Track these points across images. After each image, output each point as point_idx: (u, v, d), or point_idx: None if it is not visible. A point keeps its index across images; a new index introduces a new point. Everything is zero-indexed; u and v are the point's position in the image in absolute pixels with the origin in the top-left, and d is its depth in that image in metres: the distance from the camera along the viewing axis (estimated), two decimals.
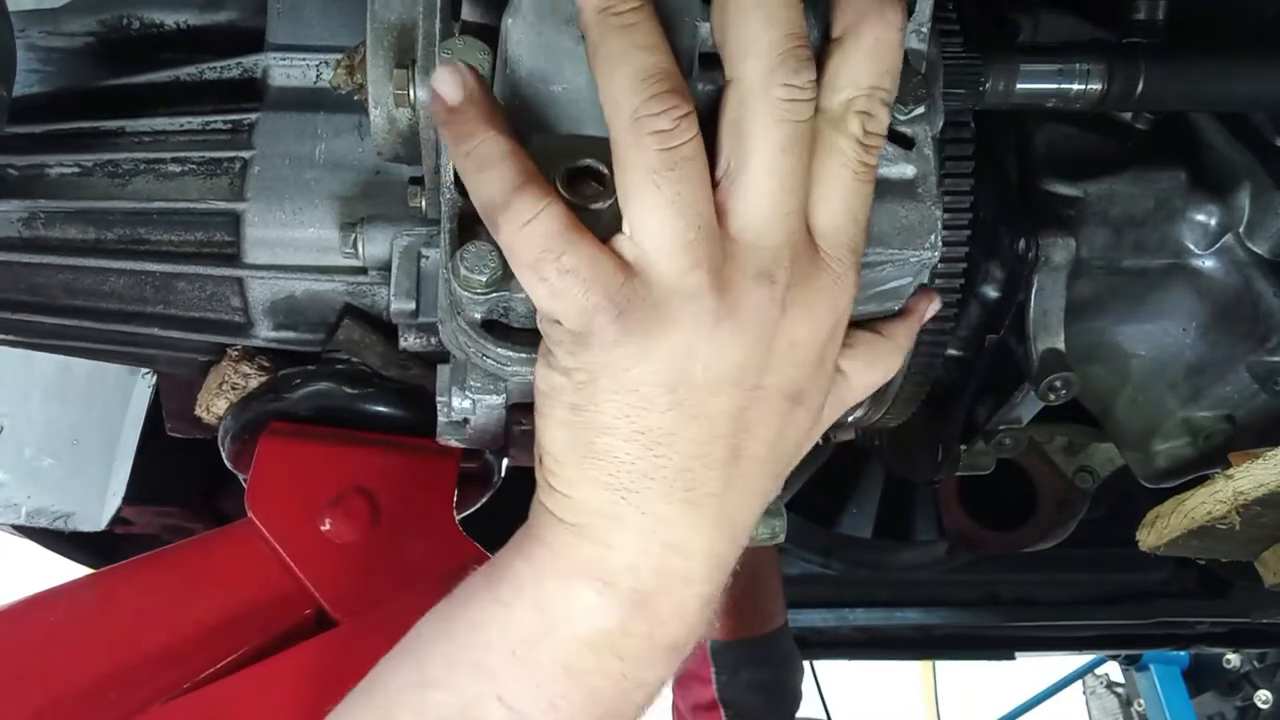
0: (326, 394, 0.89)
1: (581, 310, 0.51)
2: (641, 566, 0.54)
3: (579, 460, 0.54)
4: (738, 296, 0.52)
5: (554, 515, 0.55)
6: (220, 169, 0.87)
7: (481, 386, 0.64)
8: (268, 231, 0.85)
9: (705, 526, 0.55)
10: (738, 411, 0.53)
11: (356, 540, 0.84)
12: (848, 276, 0.55)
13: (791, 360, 0.54)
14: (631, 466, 0.53)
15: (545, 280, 0.51)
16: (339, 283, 0.87)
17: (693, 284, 0.51)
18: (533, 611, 0.55)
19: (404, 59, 0.67)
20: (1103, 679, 3.18)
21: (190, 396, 0.95)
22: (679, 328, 0.51)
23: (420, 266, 0.78)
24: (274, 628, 0.81)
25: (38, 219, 0.88)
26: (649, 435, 0.52)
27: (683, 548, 0.55)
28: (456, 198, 0.60)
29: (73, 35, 0.98)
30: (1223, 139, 0.84)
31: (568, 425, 0.54)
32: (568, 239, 0.51)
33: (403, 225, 0.79)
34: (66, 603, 0.81)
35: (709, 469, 0.54)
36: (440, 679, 0.56)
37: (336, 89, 0.79)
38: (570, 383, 0.53)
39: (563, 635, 0.55)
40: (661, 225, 0.50)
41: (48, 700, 0.75)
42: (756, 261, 0.52)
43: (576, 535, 0.55)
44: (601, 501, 0.54)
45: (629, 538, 0.54)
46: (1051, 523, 1.44)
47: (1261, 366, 0.87)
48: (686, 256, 0.51)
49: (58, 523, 1.38)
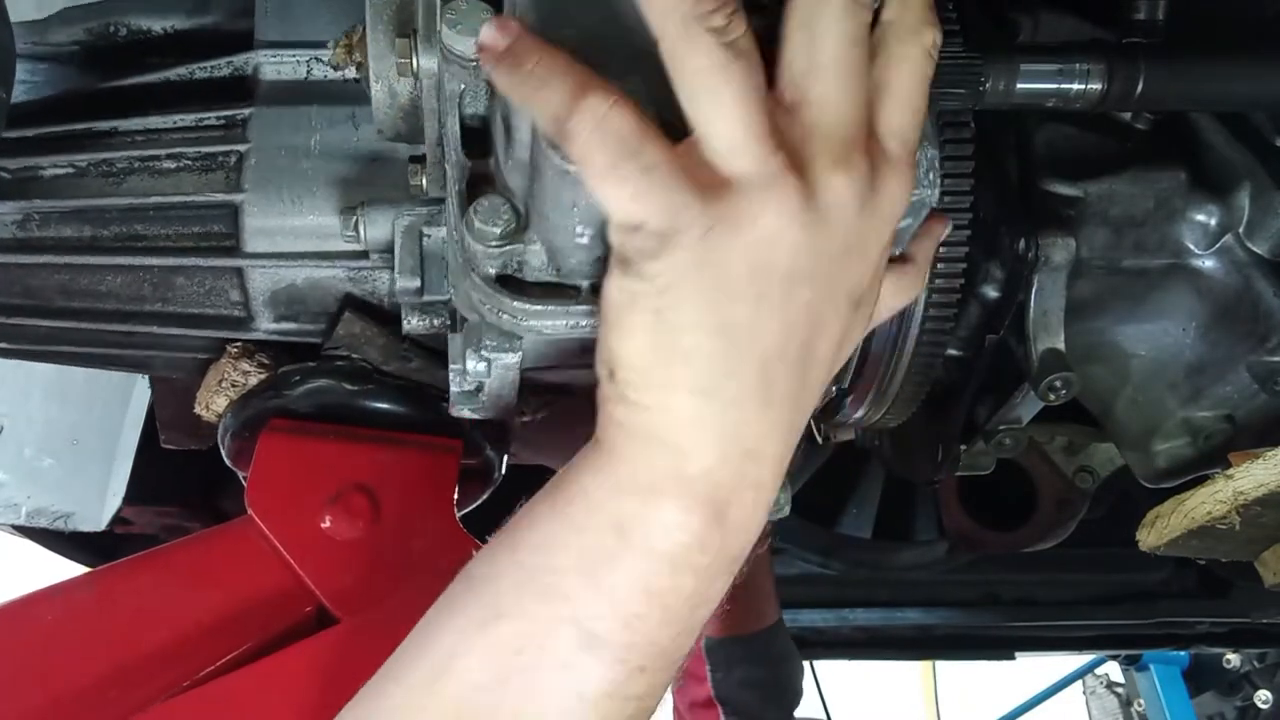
0: (326, 390, 0.89)
1: (667, 207, 0.51)
2: (720, 474, 0.53)
3: (662, 365, 0.53)
4: (817, 184, 0.52)
5: (628, 429, 0.54)
6: (215, 164, 0.87)
7: (497, 345, 0.65)
8: (267, 220, 0.85)
9: (778, 428, 0.55)
10: (813, 308, 0.54)
11: (357, 537, 0.84)
12: (908, 177, 0.56)
13: (861, 257, 0.55)
14: (715, 365, 0.52)
15: (627, 181, 0.50)
16: (340, 268, 0.87)
17: (773, 169, 0.51)
18: (609, 531, 0.54)
19: (404, 30, 0.67)
20: (1103, 679, 3.19)
21: (185, 405, 0.95)
22: (764, 214, 0.51)
23: (423, 246, 0.78)
24: (274, 625, 0.81)
25: (32, 220, 0.88)
26: (734, 330, 0.52)
27: (757, 451, 0.54)
28: (463, 158, 0.61)
29: (60, 45, 0.98)
30: (1223, 139, 0.84)
31: (650, 330, 0.53)
32: (643, 135, 0.51)
33: (403, 206, 0.79)
34: (66, 601, 0.81)
35: (785, 368, 0.54)
36: (509, 608, 0.55)
37: (335, 68, 0.79)
38: (654, 287, 0.52)
39: (641, 553, 0.54)
40: (731, 117, 0.51)
41: (48, 699, 0.75)
42: (833, 151, 0.52)
43: (654, 447, 0.54)
44: (682, 406, 0.53)
45: (709, 444, 0.53)
46: (1051, 523, 1.44)
47: (1261, 366, 0.87)
48: (762, 144, 0.51)
49: (58, 523, 1.38)
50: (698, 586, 0.55)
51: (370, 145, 0.86)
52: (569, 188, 0.55)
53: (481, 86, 0.63)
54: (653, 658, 0.55)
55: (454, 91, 0.63)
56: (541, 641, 0.54)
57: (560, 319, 0.62)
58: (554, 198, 0.56)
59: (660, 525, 0.54)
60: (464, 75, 0.62)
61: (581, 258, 0.60)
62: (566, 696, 0.55)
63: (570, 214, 0.57)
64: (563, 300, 0.61)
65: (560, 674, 0.54)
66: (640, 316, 0.53)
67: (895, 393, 0.83)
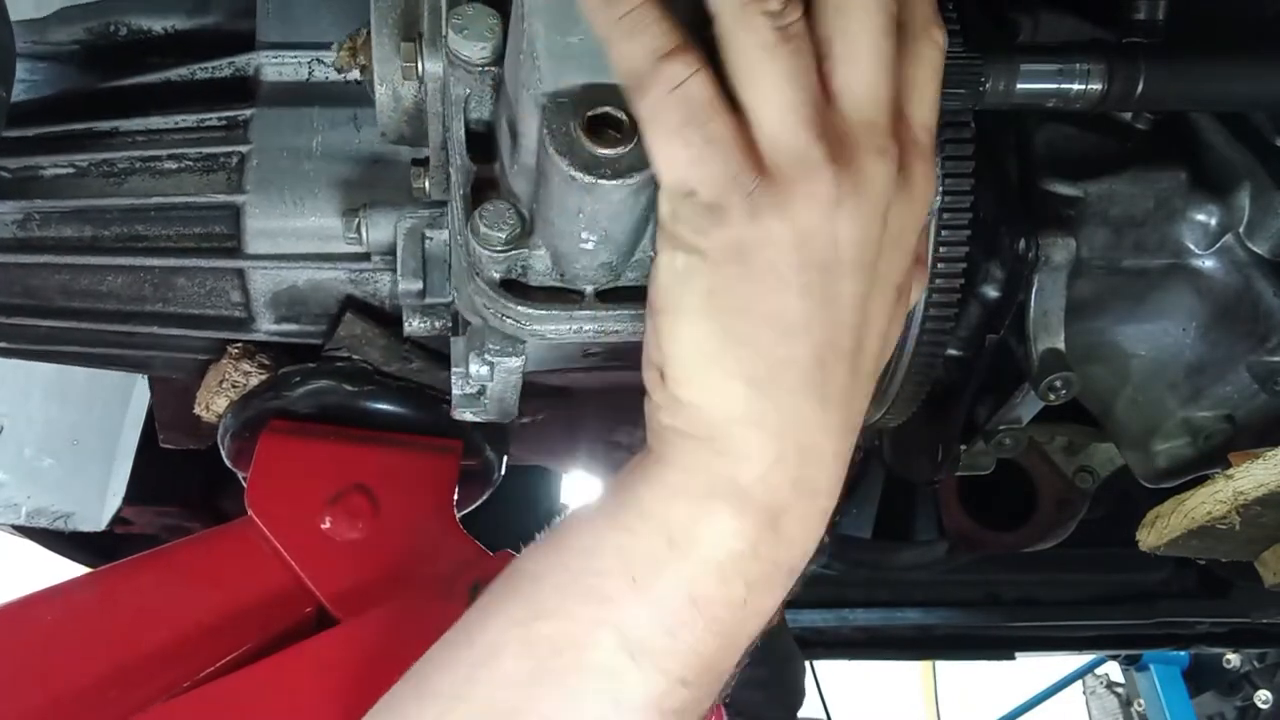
0: (327, 391, 0.89)
1: (721, 179, 0.51)
2: (775, 478, 0.53)
3: (714, 353, 0.52)
4: (860, 172, 0.52)
5: (681, 432, 0.53)
6: (217, 164, 0.87)
7: (500, 349, 0.65)
8: (268, 222, 0.85)
9: (834, 428, 0.54)
10: (861, 298, 0.54)
11: (357, 538, 0.84)
12: (932, 170, 0.56)
13: (900, 246, 0.55)
14: (768, 355, 0.52)
15: (690, 146, 0.51)
16: (341, 270, 0.87)
17: (817, 156, 0.51)
18: (658, 538, 0.53)
19: (409, 34, 0.67)
20: (1103, 679, 3.19)
21: (184, 406, 0.95)
22: (808, 202, 0.51)
23: (425, 248, 0.78)
24: (274, 626, 0.81)
25: (33, 220, 0.88)
26: (783, 320, 0.52)
27: (815, 452, 0.53)
28: (468, 163, 0.61)
29: (60, 44, 0.98)
30: (1223, 139, 0.84)
31: (702, 313, 0.52)
32: (715, 107, 0.51)
33: (405, 209, 0.79)
34: (66, 601, 0.81)
35: (839, 361, 0.53)
36: (550, 609, 0.55)
37: (339, 70, 0.79)
38: (703, 262, 0.52)
39: (691, 561, 0.53)
40: (780, 99, 0.51)
41: (48, 699, 0.75)
42: (875, 140, 0.53)
43: (708, 450, 0.53)
44: (736, 401, 0.52)
45: (765, 443, 0.52)
46: (1051, 523, 1.44)
47: (1261, 366, 0.87)
48: (809, 129, 0.51)
49: (58, 523, 1.38)
50: (748, 598, 0.54)
51: (372, 147, 0.86)
52: (575, 193, 0.55)
53: (487, 91, 0.63)
54: (697, 671, 0.54)
55: (459, 96, 0.63)
56: (581, 644, 0.54)
57: (564, 324, 0.62)
58: (559, 203, 0.56)
59: (712, 532, 0.53)
60: (469, 80, 0.62)
61: (586, 263, 0.60)
62: (602, 703, 0.54)
63: (576, 219, 0.57)
64: (567, 305, 0.61)
65: (598, 679, 0.54)
66: (691, 298, 0.52)
67: (895, 393, 0.83)
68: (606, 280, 0.62)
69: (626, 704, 0.53)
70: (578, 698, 0.54)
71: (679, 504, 0.53)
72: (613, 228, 0.57)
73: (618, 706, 0.53)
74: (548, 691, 0.54)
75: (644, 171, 0.53)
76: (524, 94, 0.56)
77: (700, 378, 0.53)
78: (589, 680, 0.54)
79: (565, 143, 0.53)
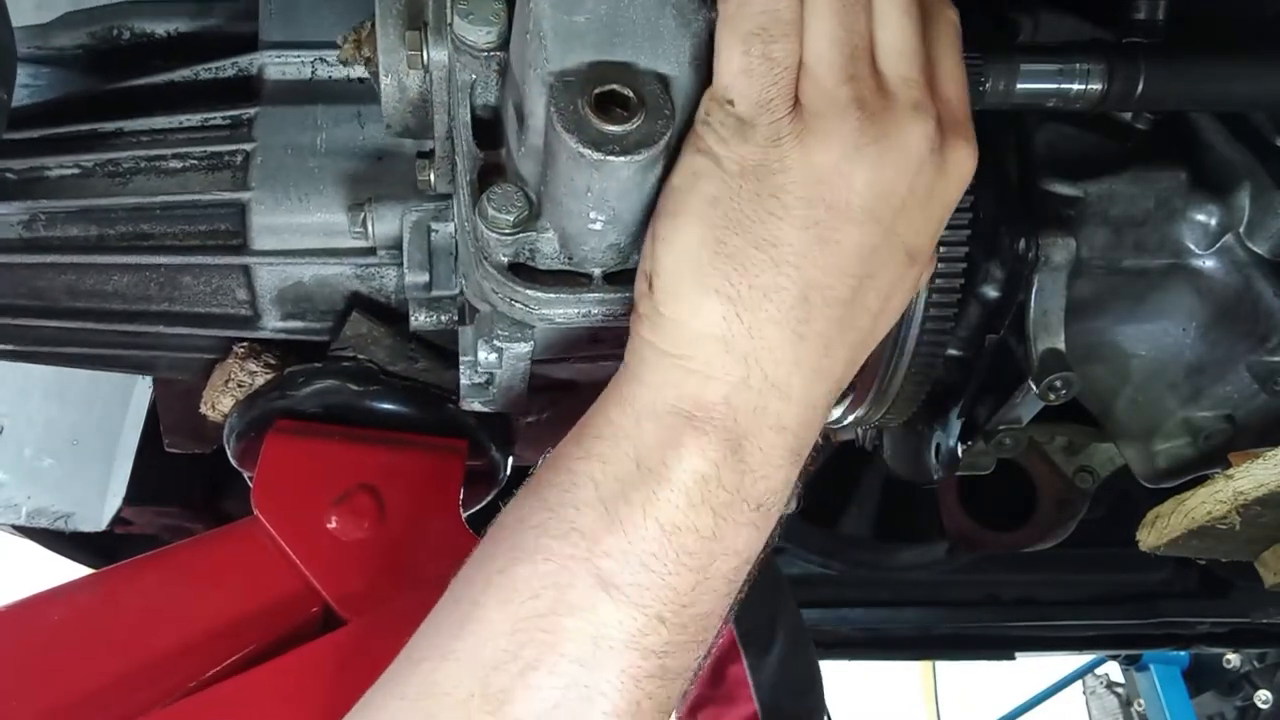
0: (333, 391, 0.89)
1: (761, 98, 0.53)
2: (739, 401, 0.54)
3: (702, 264, 0.53)
4: (891, 122, 0.54)
5: (656, 347, 0.55)
6: (222, 163, 0.88)
7: (509, 335, 0.65)
8: (274, 218, 0.86)
9: (807, 368, 0.55)
10: (868, 250, 0.54)
11: (363, 538, 0.84)
12: (974, 145, 0.57)
13: (923, 210, 0.56)
14: (754, 279, 0.53)
15: (747, 54, 0.53)
16: (348, 265, 0.88)
17: (844, 97, 0.53)
18: (627, 461, 0.54)
19: (414, 24, 0.67)
20: (1103, 679, 3.19)
21: (189, 409, 0.95)
22: (833, 140, 0.53)
23: (431, 241, 0.78)
24: (280, 627, 0.81)
25: (39, 220, 0.89)
26: (779, 249, 0.53)
27: (781, 385, 0.54)
28: (475, 149, 0.61)
29: (64, 48, 0.98)
30: (1223, 139, 0.85)
31: (701, 219, 0.53)
32: (788, 30, 0.53)
33: (411, 202, 0.79)
34: (69, 603, 0.81)
35: (827, 305, 0.54)
36: (528, 551, 0.55)
37: (344, 64, 0.80)
38: (717, 169, 0.53)
39: (659, 483, 0.53)
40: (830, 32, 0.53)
41: (52, 702, 0.75)
42: (909, 94, 0.54)
43: (678, 366, 0.54)
44: (713, 319, 0.53)
45: (733, 365, 0.53)
46: (1051, 523, 1.44)
47: (1261, 366, 0.88)
48: (845, 69, 0.53)
49: (58, 523, 1.38)
50: (717, 529, 0.54)
51: (376, 142, 0.86)
52: (583, 171, 0.55)
53: (492, 77, 0.63)
54: (674, 608, 0.54)
55: (465, 82, 0.63)
56: (557, 582, 0.54)
57: (572, 307, 0.62)
58: (568, 183, 0.57)
59: (677, 453, 0.53)
60: (475, 66, 0.63)
61: (594, 244, 0.61)
62: (583, 643, 0.54)
63: (584, 199, 0.57)
64: (575, 288, 0.62)
65: (576, 618, 0.54)
66: (696, 202, 0.54)
67: (895, 392, 0.83)
68: (615, 263, 0.62)
69: (605, 642, 0.54)
70: (558, 639, 0.54)
71: (646, 423, 0.54)
72: (620, 206, 0.58)
73: (597, 645, 0.54)
74: (530, 637, 0.54)
75: (651, 148, 0.54)
76: (531, 74, 0.56)
77: (684, 288, 0.54)
78: (568, 622, 0.54)
79: (573, 120, 0.54)
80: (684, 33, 0.56)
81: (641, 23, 0.56)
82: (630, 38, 0.56)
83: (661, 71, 0.56)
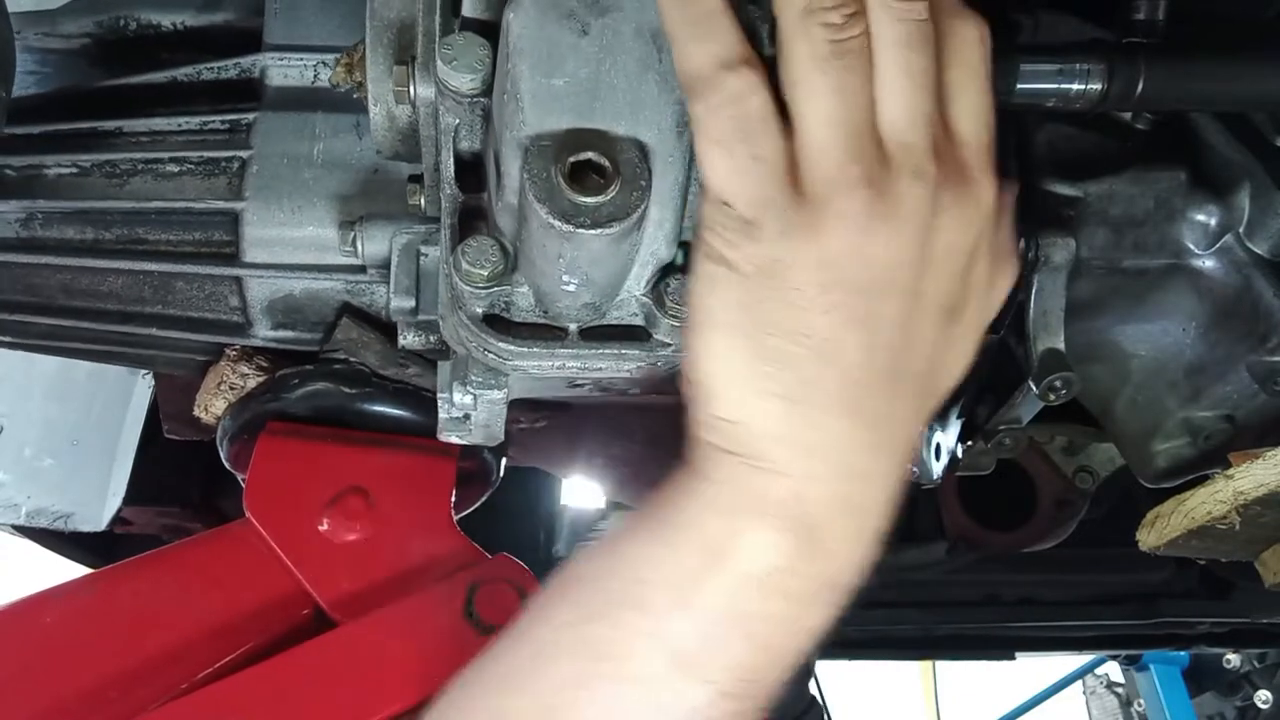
0: (324, 394, 0.89)
1: (757, 198, 0.51)
2: (812, 495, 0.53)
3: (748, 368, 0.52)
4: (896, 195, 0.51)
5: (717, 447, 0.54)
6: (218, 169, 0.87)
7: (483, 381, 0.64)
8: (266, 230, 0.85)
9: (873, 447, 0.54)
10: (900, 320, 0.53)
11: (355, 540, 0.84)
12: (988, 182, 0.55)
13: (948, 268, 0.54)
14: (799, 372, 0.52)
15: (733, 159, 0.51)
16: (337, 281, 0.87)
17: (853, 177, 0.51)
18: (697, 552, 0.54)
19: (404, 56, 0.66)
20: (1103, 679, 3.19)
21: (188, 398, 0.95)
22: (840, 223, 0.51)
23: (419, 264, 0.78)
24: (273, 628, 0.81)
25: (35, 219, 0.88)
26: (813, 339, 0.52)
27: (850, 469, 0.54)
28: (457, 193, 0.60)
29: (70, 37, 0.98)
30: (1223, 139, 0.84)
31: (735, 327, 0.52)
32: (766, 126, 0.51)
33: (402, 223, 0.79)
34: (65, 603, 0.81)
35: (873, 381, 0.53)
36: (598, 614, 0.56)
37: (336, 86, 0.79)
38: (733, 274, 0.52)
39: (728, 575, 0.53)
40: (825, 115, 0.51)
41: (46, 701, 0.75)
42: (909, 160, 0.52)
43: (743, 466, 0.53)
44: (771, 419, 0.52)
45: (798, 460, 0.53)
46: (1051, 523, 1.44)
47: (1261, 366, 0.87)
48: (846, 150, 0.51)
49: (58, 523, 1.38)
50: (789, 612, 0.54)
51: (373, 157, 0.86)
52: (554, 239, 0.54)
53: (477, 121, 0.62)
54: (740, 684, 0.54)
55: (449, 125, 0.62)
56: (625, 651, 0.54)
57: (546, 360, 0.61)
58: (540, 247, 0.56)
59: (748, 546, 0.53)
60: (459, 110, 0.61)
61: (568, 303, 0.60)
62: (645, 709, 0.54)
63: (556, 264, 0.56)
64: (550, 342, 0.61)
65: (641, 687, 0.54)
66: (723, 312, 0.53)
67: None
68: (590, 319, 0.62)
69: (667, 712, 0.54)
70: (622, 705, 0.55)
71: (716, 518, 0.54)
72: (594, 272, 0.57)
73: (659, 713, 0.54)
74: (593, 694, 0.55)
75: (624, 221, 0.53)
76: (507, 134, 0.55)
77: (733, 394, 0.53)
78: (632, 689, 0.54)
79: (545, 189, 0.53)
80: (667, 99, 0.55)
81: (623, 88, 0.54)
82: (610, 103, 0.54)
83: (641, 139, 0.55)
